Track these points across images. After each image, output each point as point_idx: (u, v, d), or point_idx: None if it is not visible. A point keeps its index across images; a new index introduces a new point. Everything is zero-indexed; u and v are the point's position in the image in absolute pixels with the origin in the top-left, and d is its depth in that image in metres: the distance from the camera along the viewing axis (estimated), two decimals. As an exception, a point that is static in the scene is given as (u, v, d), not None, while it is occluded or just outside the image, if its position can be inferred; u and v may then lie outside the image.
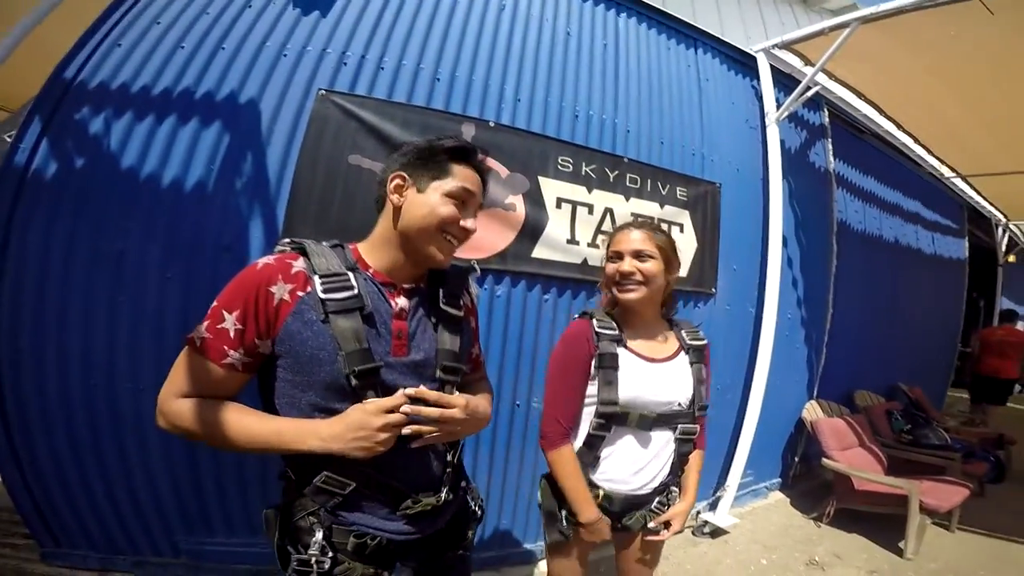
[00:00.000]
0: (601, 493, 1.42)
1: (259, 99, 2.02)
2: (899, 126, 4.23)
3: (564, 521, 1.44)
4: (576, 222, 2.42)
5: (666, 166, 2.76)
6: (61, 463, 1.94)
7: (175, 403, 0.92)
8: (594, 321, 1.41)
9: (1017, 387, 7.30)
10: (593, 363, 1.38)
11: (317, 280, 0.93)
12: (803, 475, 3.96)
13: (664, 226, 2.48)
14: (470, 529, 1.24)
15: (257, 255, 1.94)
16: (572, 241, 2.40)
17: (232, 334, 0.90)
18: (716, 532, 3.01)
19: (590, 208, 2.46)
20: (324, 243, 1.02)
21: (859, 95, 3.84)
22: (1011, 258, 7.28)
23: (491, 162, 2.22)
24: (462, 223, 1.00)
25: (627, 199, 2.55)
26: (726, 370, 3.11)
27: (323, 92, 2.05)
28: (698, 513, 3.12)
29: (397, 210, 1.00)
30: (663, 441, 1.43)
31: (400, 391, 0.94)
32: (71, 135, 1.89)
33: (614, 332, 1.40)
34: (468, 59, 2.34)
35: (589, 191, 2.46)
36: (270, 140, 2.02)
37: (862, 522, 3.16)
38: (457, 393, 1.05)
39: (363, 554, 1.00)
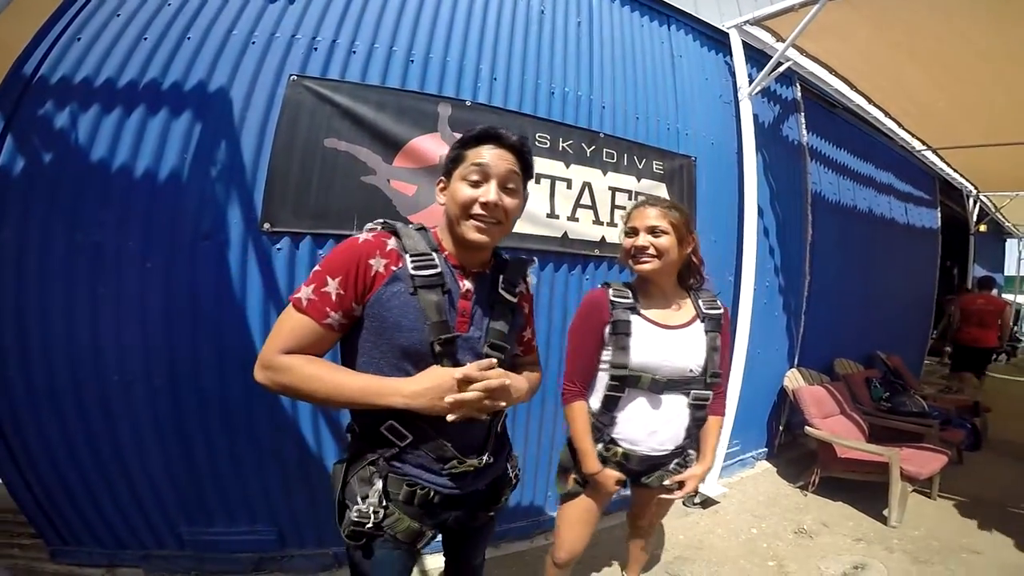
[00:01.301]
0: (620, 451, 1.54)
1: (229, 87, 2.02)
2: (870, 100, 4.31)
3: (577, 475, 1.60)
4: (555, 197, 2.46)
5: (642, 140, 2.80)
6: (57, 460, 1.96)
7: (279, 358, 1.00)
8: (610, 290, 1.53)
9: (995, 356, 7.53)
10: (607, 329, 1.50)
11: (408, 258, 1.05)
12: (788, 444, 4.06)
13: (640, 200, 2.56)
14: (504, 493, 1.33)
15: (237, 240, 1.99)
16: (552, 215, 2.44)
17: (334, 297, 1.01)
18: (707, 502, 3.10)
19: (568, 183, 2.50)
20: (410, 226, 1.13)
21: (830, 70, 3.90)
22: (982, 228, 7.51)
23: None
24: (481, 199, 1.06)
25: (604, 173, 2.60)
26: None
27: (295, 77, 2.05)
28: None
29: (444, 208, 1.13)
30: (676, 405, 1.53)
31: (473, 364, 1.04)
32: (36, 130, 1.88)
33: (628, 301, 1.51)
34: (442, 39, 2.34)
35: (567, 166, 2.50)
36: (243, 127, 2.02)
37: (847, 490, 3.24)
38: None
39: (412, 503, 1.11)
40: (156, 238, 1.92)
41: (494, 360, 1.07)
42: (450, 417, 1.01)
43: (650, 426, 1.53)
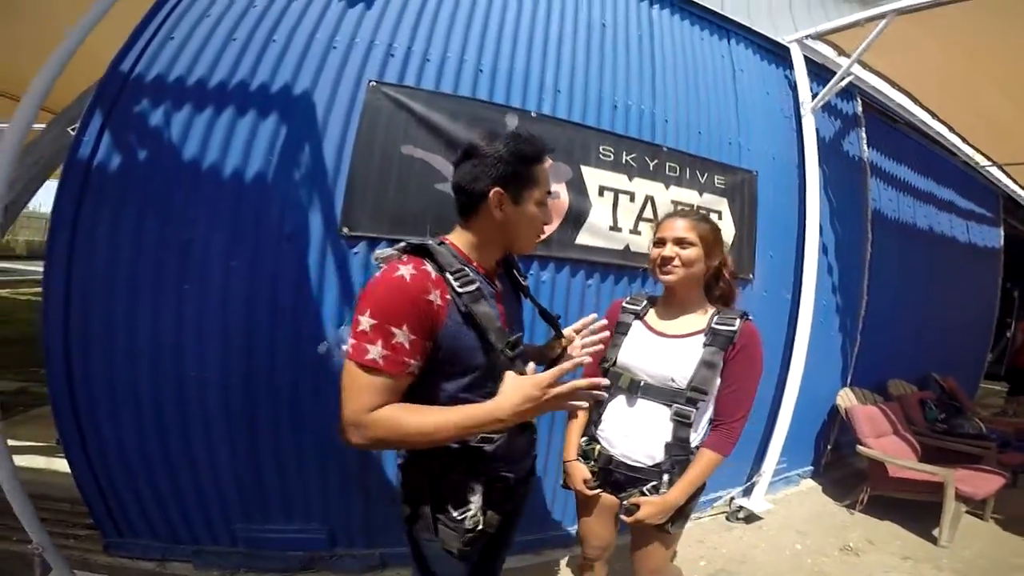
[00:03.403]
0: (596, 449, 1.57)
1: (312, 90, 2.07)
2: (934, 115, 4.20)
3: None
4: (618, 209, 2.47)
5: (704, 155, 2.79)
6: (127, 451, 2.01)
7: (371, 417, 0.96)
8: (627, 299, 1.64)
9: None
10: (613, 330, 1.56)
11: (451, 278, 1.02)
12: (834, 463, 3.97)
13: (709, 214, 2.54)
14: (535, 472, 1.40)
15: (317, 244, 2.03)
16: (614, 228, 2.46)
17: (408, 345, 0.96)
18: (750, 517, 3.05)
19: (631, 196, 2.51)
20: (432, 241, 1.09)
21: (893, 84, 3.82)
22: (1047, 248, 7.13)
23: None
24: (547, 223, 1.16)
25: (667, 187, 2.60)
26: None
27: (374, 83, 2.10)
28: (732, 498, 3.16)
29: (498, 220, 1.08)
30: (654, 414, 1.48)
31: (557, 368, 0.99)
32: (132, 127, 1.94)
33: (637, 308, 1.60)
34: (508, 50, 2.38)
35: (630, 179, 2.51)
36: (326, 131, 2.07)
37: (894, 510, 3.18)
38: None
39: (495, 497, 1.13)
40: (241, 238, 1.98)
41: (580, 359, 1.08)
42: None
43: (624, 428, 1.53)
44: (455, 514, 1.08)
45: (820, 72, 3.36)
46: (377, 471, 2.16)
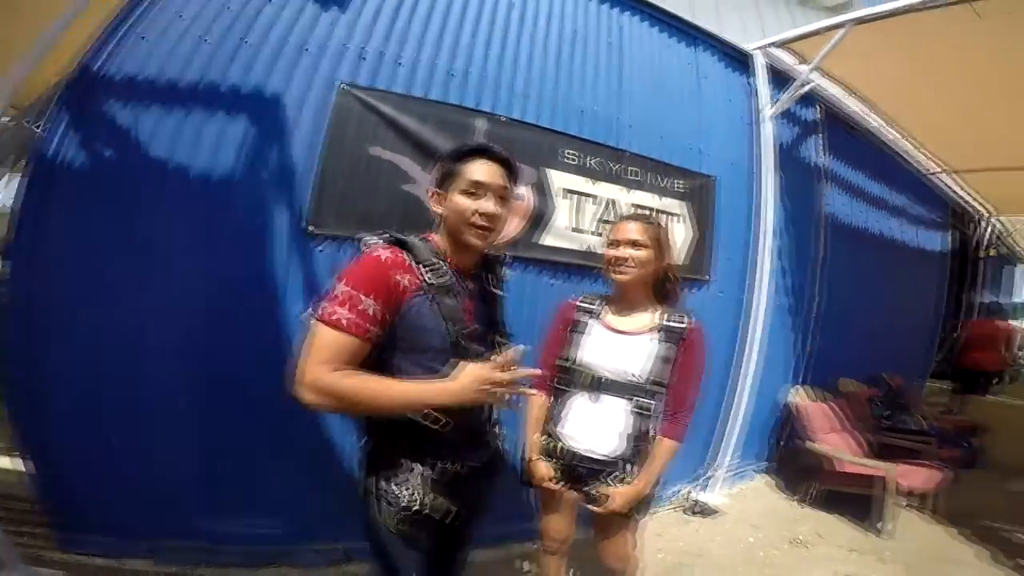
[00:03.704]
0: (560, 446, 1.62)
1: (283, 92, 2.09)
2: (890, 121, 4.38)
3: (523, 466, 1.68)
4: (580, 212, 2.57)
5: (665, 160, 2.91)
6: (84, 448, 1.99)
7: (327, 376, 1.06)
8: (581, 297, 1.70)
9: (996, 379, 7.56)
10: (568, 329, 1.65)
11: (423, 269, 1.16)
12: (787, 459, 4.07)
13: (661, 217, 2.65)
14: (499, 464, 1.45)
15: (283, 242, 2.05)
16: (577, 230, 2.56)
17: (371, 313, 1.08)
18: (706, 511, 3.18)
19: (594, 199, 2.61)
20: (412, 236, 1.23)
21: (851, 92, 3.98)
22: (991, 252, 7.54)
23: None
24: (480, 210, 1.18)
25: (628, 190, 2.71)
26: (717, 354, 3.23)
27: (345, 86, 2.14)
28: (689, 492, 3.29)
29: (442, 215, 1.24)
30: (616, 408, 1.57)
31: (504, 355, 1.14)
32: (100, 126, 1.92)
33: (591, 307, 1.66)
34: (480, 56, 2.44)
35: (593, 183, 2.61)
36: (295, 132, 2.09)
37: (843, 504, 3.31)
38: None
39: (443, 483, 1.21)
40: (205, 235, 1.99)
41: (521, 348, 1.17)
42: (489, 398, 1.13)
43: (585, 423, 1.60)
44: (395, 490, 1.18)
45: (781, 79, 3.47)
46: (338, 464, 2.18)
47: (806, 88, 3.29)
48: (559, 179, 2.52)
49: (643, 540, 2.66)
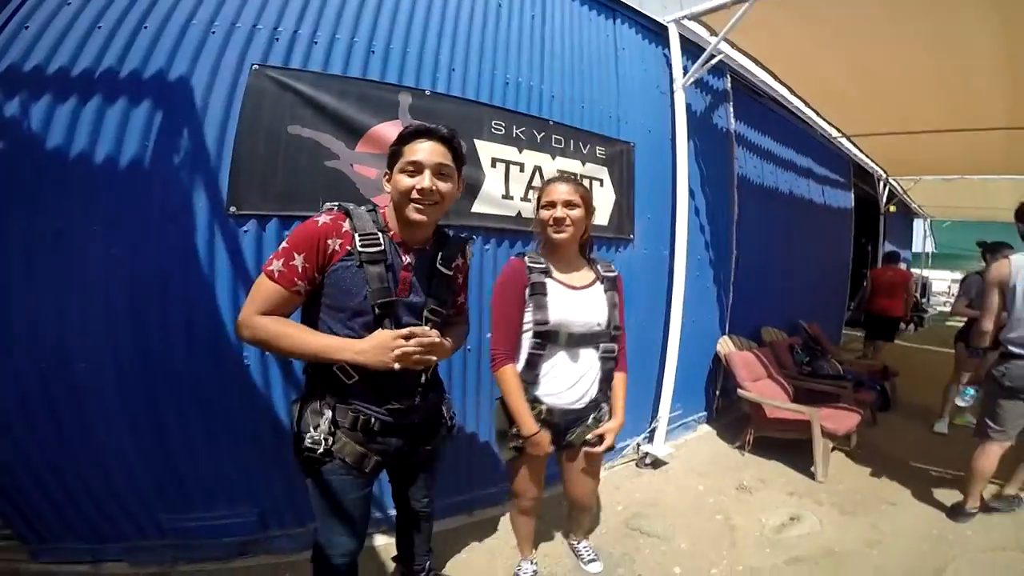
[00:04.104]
0: (544, 408, 1.71)
1: (190, 76, 2.02)
2: (792, 91, 4.69)
3: (514, 438, 1.74)
4: (509, 179, 2.67)
5: (586, 128, 3.04)
6: (28, 456, 1.95)
7: (257, 319, 1.26)
8: (526, 258, 1.73)
9: (902, 325, 8.30)
10: (527, 292, 1.69)
11: (357, 237, 1.30)
12: (725, 408, 4.42)
13: (585, 181, 2.83)
14: (441, 429, 1.62)
15: (204, 223, 2.02)
16: (507, 196, 2.66)
17: (300, 269, 1.26)
18: (656, 463, 3.40)
19: (521, 166, 2.71)
20: (363, 207, 1.37)
21: (758, 63, 4.22)
22: (892, 208, 8.31)
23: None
24: (417, 186, 1.29)
25: (553, 158, 2.83)
26: (646, 308, 3.49)
27: (257, 67, 2.10)
28: (638, 445, 3.50)
29: (389, 193, 1.36)
30: (589, 359, 1.75)
31: (407, 328, 1.28)
32: None
33: (543, 266, 1.72)
34: (402, 31, 2.43)
35: (520, 151, 2.71)
36: (205, 115, 2.03)
37: (779, 450, 3.57)
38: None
39: (355, 429, 1.38)
40: (119, 223, 1.92)
41: (427, 328, 1.32)
42: (396, 366, 1.25)
43: (570, 379, 1.73)
44: (308, 431, 1.35)
45: (695, 51, 3.63)
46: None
47: (716, 59, 3.47)
48: (488, 149, 2.60)
49: (603, 497, 2.87)
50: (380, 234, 1.33)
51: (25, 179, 1.85)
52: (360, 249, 1.29)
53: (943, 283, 15.59)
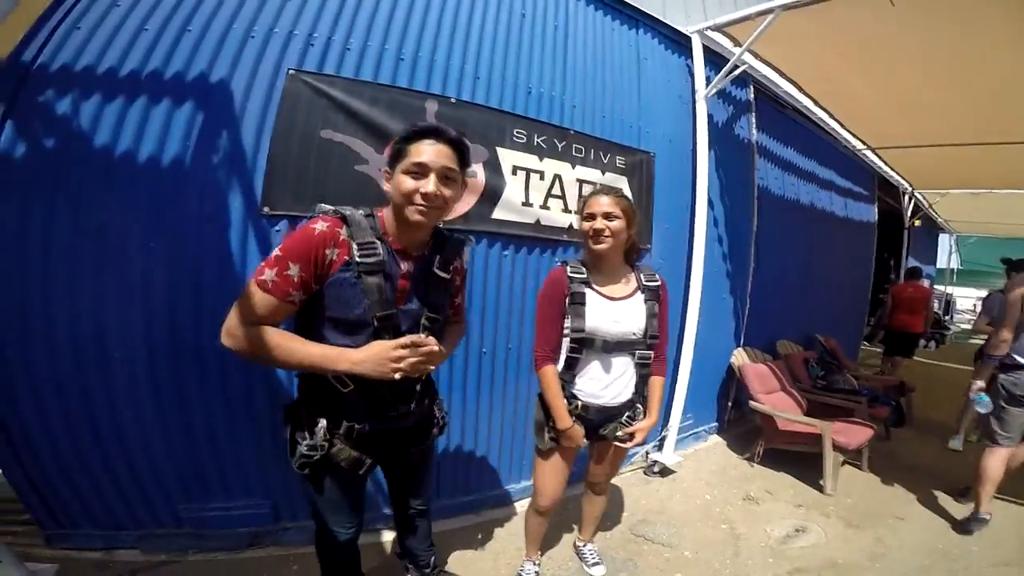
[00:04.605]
0: (579, 404, 1.84)
1: (230, 79, 2.09)
2: (816, 103, 4.64)
3: (550, 431, 1.86)
4: (529, 187, 2.72)
5: (607, 137, 3.07)
6: (57, 441, 2.02)
7: (246, 328, 1.19)
8: (568, 268, 1.82)
9: (922, 341, 8.14)
10: (567, 300, 1.78)
11: (355, 247, 1.25)
12: (736, 420, 4.41)
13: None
14: (433, 429, 1.65)
15: (239, 223, 2.09)
16: (526, 203, 2.70)
17: (295, 279, 1.20)
18: (665, 471, 3.42)
19: (541, 175, 2.76)
20: (359, 211, 1.31)
21: (781, 74, 4.18)
22: (916, 222, 8.16)
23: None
24: (421, 190, 1.24)
25: (573, 167, 2.87)
26: (661, 317, 3.51)
27: (293, 71, 2.17)
28: (647, 453, 3.51)
29: (389, 193, 1.32)
30: (624, 364, 1.84)
31: (406, 338, 1.25)
32: (37, 117, 1.89)
33: (583, 276, 1.80)
34: (430, 40, 2.49)
35: (540, 159, 2.76)
36: (243, 117, 2.10)
37: (789, 462, 3.58)
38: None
39: (351, 437, 1.39)
40: (160, 220, 1.99)
41: (425, 336, 1.29)
42: (396, 375, 1.23)
43: (604, 382, 1.83)
44: (301, 438, 1.35)
45: (718, 61, 3.65)
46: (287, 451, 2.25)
47: (739, 70, 3.47)
48: (509, 156, 2.65)
49: (609, 503, 2.86)
50: (378, 242, 1.28)
51: (72, 176, 1.93)
52: (358, 260, 1.24)
53: (968, 300, 15.15)
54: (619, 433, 1.86)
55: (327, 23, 2.29)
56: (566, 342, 1.83)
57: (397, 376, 1.23)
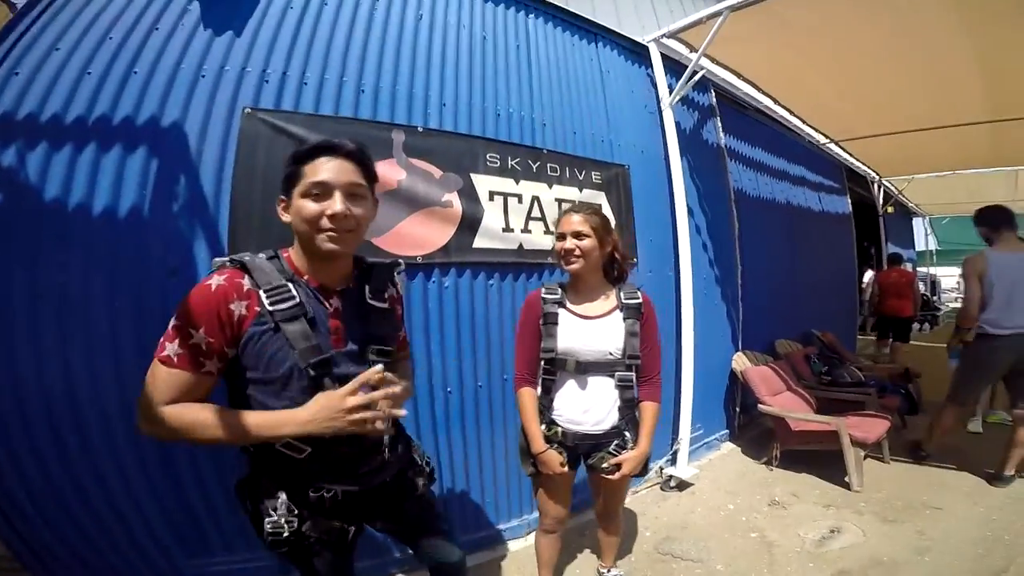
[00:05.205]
0: (559, 430, 1.76)
1: (183, 121, 2.00)
2: (776, 101, 4.73)
3: (532, 456, 1.77)
4: (508, 211, 2.64)
5: (580, 153, 3.03)
6: (44, 506, 1.88)
7: (162, 410, 1.02)
8: (543, 290, 1.78)
9: (915, 325, 8.22)
10: (540, 322, 1.74)
11: (263, 295, 1.06)
12: (747, 424, 4.31)
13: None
14: (419, 479, 1.42)
15: (205, 273, 1.91)
16: (507, 229, 2.62)
17: (203, 347, 1.03)
18: (682, 485, 3.28)
19: (519, 198, 2.69)
20: (260, 255, 1.14)
21: (738, 75, 4.25)
22: (889, 209, 8.33)
23: (421, 164, 2.38)
24: (327, 211, 1.07)
25: (550, 186, 2.81)
26: (661, 331, 3.41)
27: (249, 110, 2.08)
28: (661, 469, 3.39)
29: (292, 224, 1.14)
30: (603, 386, 1.74)
31: (356, 380, 1.08)
32: None
33: (556, 296, 1.76)
34: (390, 69, 2.43)
35: (516, 182, 2.69)
36: (200, 161, 2.01)
37: (808, 462, 3.47)
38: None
39: (323, 509, 1.17)
40: (122, 277, 1.89)
41: (380, 368, 1.12)
42: (352, 427, 1.06)
43: (582, 405, 1.74)
44: (266, 516, 1.14)
45: (678, 69, 3.66)
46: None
47: (699, 75, 3.49)
48: (484, 182, 2.58)
49: (627, 523, 2.74)
50: (290, 284, 1.10)
51: (22, 233, 1.81)
52: (271, 309, 1.06)
53: (951, 279, 15.49)
54: (604, 464, 1.75)
55: (280, 57, 2.21)
56: (541, 363, 1.77)
57: (354, 427, 1.07)
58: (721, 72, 4.11)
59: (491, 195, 2.60)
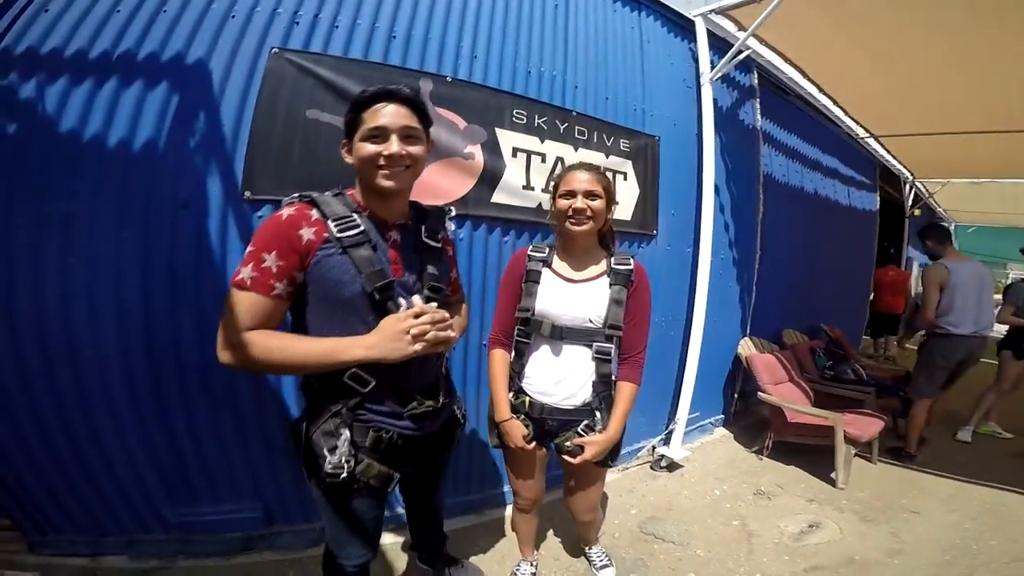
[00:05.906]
0: (527, 400, 1.66)
1: (208, 60, 1.97)
2: (820, 89, 4.56)
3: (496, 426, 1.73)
4: (531, 170, 2.60)
5: (610, 119, 2.96)
6: (30, 446, 1.91)
7: (241, 336, 1.09)
8: (530, 248, 1.70)
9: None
10: (522, 279, 1.65)
11: (331, 223, 1.15)
12: (742, 412, 4.33)
13: (608, 174, 2.75)
14: (456, 433, 1.52)
15: (217, 209, 1.98)
16: (527, 187, 2.59)
17: (275, 269, 1.10)
18: (672, 466, 3.32)
19: (543, 157, 2.64)
20: (327, 193, 1.23)
21: (785, 59, 4.10)
22: (916, 212, 8.09)
23: (447, 113, 2.35)
24: (384, 152, 1.16)
25: (576, 149, 2.76)
26: (668, 307, 3.41)
27: (277, 50, 2.05)
28: (653, 448, 3.43)
29: (353, 165, 1.24)
30: (579, 356, 1.62)
31: (414, 308, 1.16)
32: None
33: (542, 255, 1.67)
34: (424, 17, 2.38)
35: (542, 141, 2.64)
36: (222, 99, 1.99)
37: (798, 455, 3.51)
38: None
39: (379, 449, 1.25)
40: (132, 208, 1.88)
41: (434, 305, 1.20)
42: (416, 347, 1.13)
43: (554, 375, 1.63)
44: (323, 456, 1.20)
45: (720, 45, 3.55)
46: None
47: (743, 54, 3.38)
48: (509, 138, 2.53)
49: (614, 500, 2.82)
50: (355, 215, 1.19)
51: (34, 162, 1.81)
52: (339, 235, 1.15)
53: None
54: (567, 444, 1.63)
55: (314, 0, 2.16)
56: (517, 325, 1.68)
57: (418, 347, 1.13)
58: (766, 52, 3.95)
59: (514, 151, 2.56)
